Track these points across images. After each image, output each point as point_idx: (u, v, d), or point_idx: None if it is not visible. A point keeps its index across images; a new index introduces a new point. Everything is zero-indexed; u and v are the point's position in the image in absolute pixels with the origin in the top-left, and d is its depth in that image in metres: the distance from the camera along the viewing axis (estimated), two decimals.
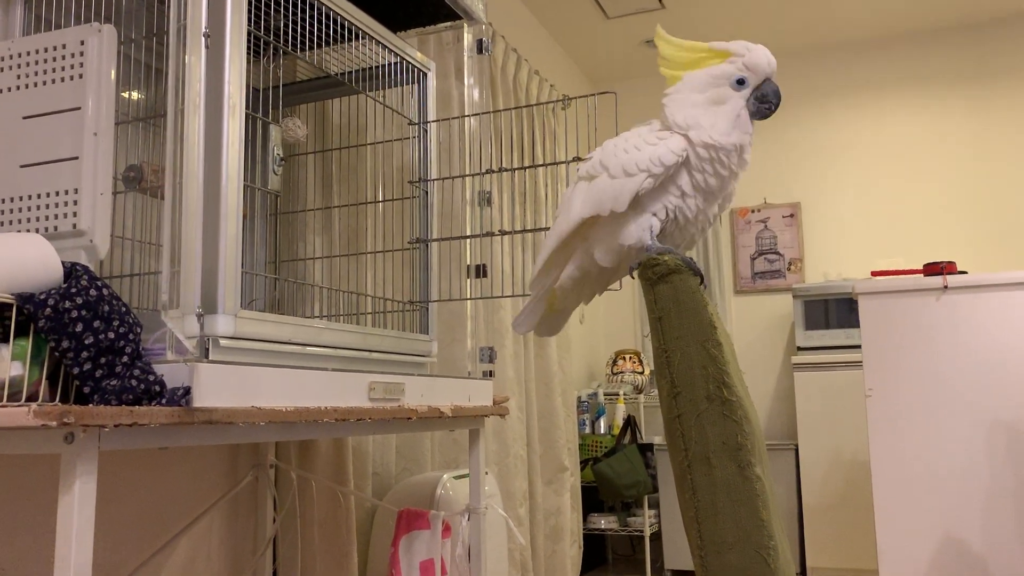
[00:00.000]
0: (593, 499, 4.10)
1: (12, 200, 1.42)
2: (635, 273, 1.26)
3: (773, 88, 1.31)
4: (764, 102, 1.31)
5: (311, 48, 1.86)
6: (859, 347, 2.78)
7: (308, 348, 1.58)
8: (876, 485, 2.64)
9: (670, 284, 1.18)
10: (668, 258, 1.19)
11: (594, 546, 4.32)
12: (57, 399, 1.15)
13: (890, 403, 2.62)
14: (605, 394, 4.34)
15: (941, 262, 2.60)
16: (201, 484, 2.05)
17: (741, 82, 1.29)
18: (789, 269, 4.68)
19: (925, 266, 2.65)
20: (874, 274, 2.80)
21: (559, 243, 1.36)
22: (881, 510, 2.62)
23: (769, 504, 1.16)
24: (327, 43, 1.86)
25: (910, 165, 4.56)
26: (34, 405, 1.01)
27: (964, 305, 2.56)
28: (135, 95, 1.78)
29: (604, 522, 4.14)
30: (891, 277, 2.72)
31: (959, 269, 2.65)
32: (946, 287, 2.55)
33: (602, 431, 4.28)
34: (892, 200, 4.56)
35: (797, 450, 4.03)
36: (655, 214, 1.27)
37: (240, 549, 2.17)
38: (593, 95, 1.90)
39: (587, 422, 4.28)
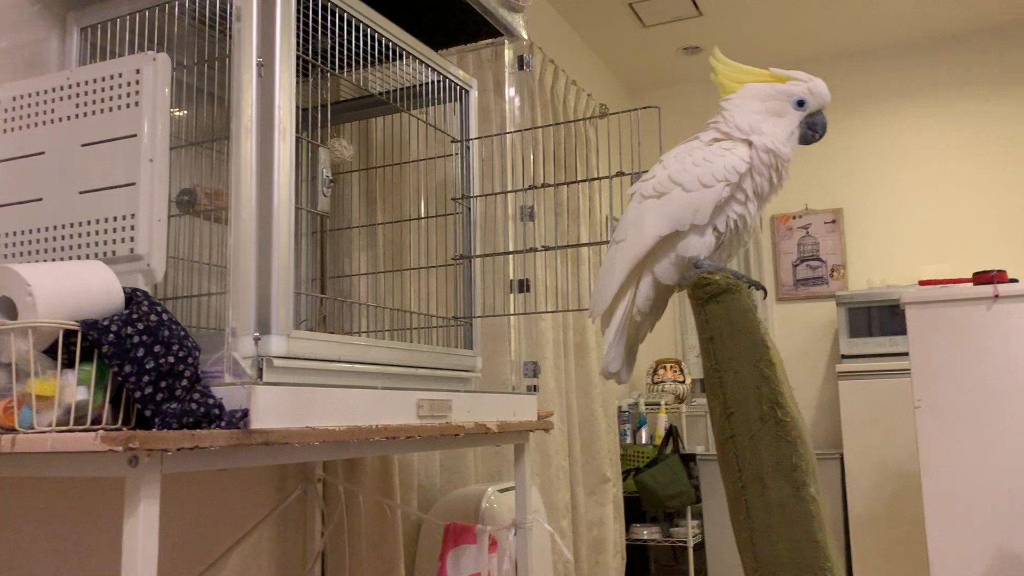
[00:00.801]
0: (635, 510, 4.08)
1: (72, 226, 1.46)
2: (685, 290, 1.26)
3: (823, 120, 1.36)
4: (812, 129, 1.35)
5: (356, 68, 1.89)
6: (905, 355, 2.74)
7: (356, 366, 1.60)
8: (927, 498, 2.60)
9: (721, 304, 1.18)
10: (719, 277, 1.19)
11: (636, 557, 4.30)
12: (119, 422, 1.18)
13: (940, 414, 2.57)
14: (646, 404, 4.32)
15: (991, 271, 2.55)
16: (251, 499, 2.08)
17: (801, 103, 1.34)
18: (832, 276, 4.63)
19: (975, 275, 2.61)
20: (922, 283, 2.76)
21: (634, 265, 1.33)
22: (932, 523, 2.58)
23: (824, 525, 1.15)
24: (372, 63, 1.88)
25: (955, 170, 4.48)
26: (100, 431, 1.04)
27: (1016, 314, 2.51)
28: (187, 119, 1.82)
29: (647, 533, 4.12)
30: (940, 286, 2.67)
31: (1010, 277, 2.60)
32: (997, 296, 2.50)
33: (644, 441, 4.26)
34: (937, 206, 4.49)
35: (842, 459, 3.97)
36: (716, 227, 1.29)
37: (290, 563, 2.20)
38: (636, 109, 1.90)
39: (628, 432, 4.26)
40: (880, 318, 4.08)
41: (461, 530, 2.14)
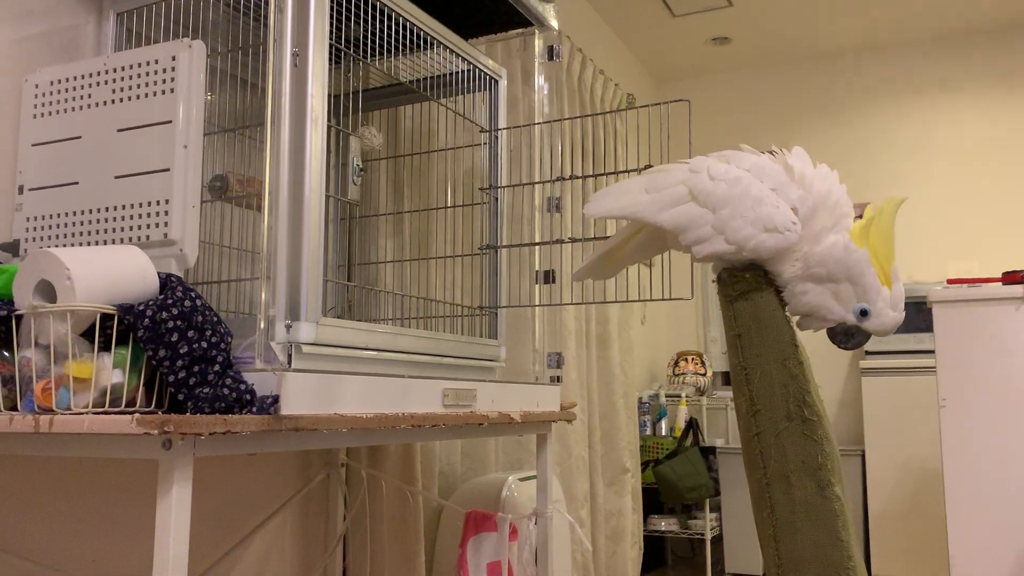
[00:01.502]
0: (654, 501, 4.08)
1: (107, 210, 1.48)
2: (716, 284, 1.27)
3: (859, 341, 1.24)
4: (846, 335, 1.25)
5: (386, 56, 1.90)
6: (930, 352, 2.72)
7: (383, 353, 1.62)
8: (949, 497, 2.59)
9: (751, 301, 1.18)
10: (749, 275, 1.19)
11: (654, 548, 4.31)
12: (153, 405, 1.20)
13: (965, 414, 2.55)
14: (667, 395, 4.32)
15: (1021, 271, 2.52)
16: (275, 482, 2.11)
17: (864, 313, 1.22)
18: None
19: (1004, 275, 2.58)
20: (950, 282, 2.73)
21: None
22: (954, 522, 2.57)
23: (848, 524, 1.15)
24: (402, 52, 1.89)
25: (985, 166, 4.42)
26: (136, 414, 1.06)
27: None
28: (218, 105, 1.83)
29: (664, 524, 4.12)
30: (968, 286, 2.65)
31: None
32: None
33: (664, 433, 4.26)
34: (965, 202, 4.43)
35: (864, 456, 3.95)
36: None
37: (312, 545, 2.23)
38: (666, 103, 1.89)
39: (648, 423, 4.27)
40: (906, 314, 4.04)
41: (482, 518, 2.16)
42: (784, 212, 1.18)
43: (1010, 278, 2.56)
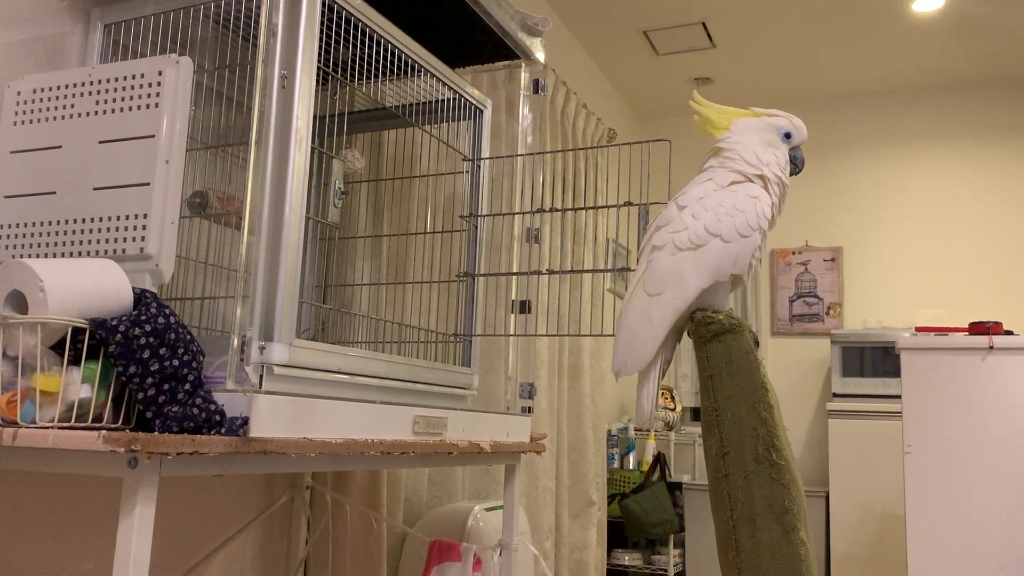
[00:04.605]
0: (618, 535, 4.07)
1: (84, 221, 1.47)
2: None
3: (803, 155, 1.42)
4: (794, 163, 1.41)
5: (372, 80, 1.91)
6: (896, 397, 2.76)
7: (355, 377, 1.61)
8: (910, 543, 2.61)
9: (723, 343, 1.19)
10: (722, 317, 1.21)
11: None
12: (120, 422, 1.19)
13: (929, 461, 2.59)
14: (636, 429, 4.33)
15: (987, 322, 2.57)
16: (238, 502, 2.08)
17: (788, 136, 1.41)
18: (828, 313, 4.65)
19: (971, 325, 2.63)
20: (918, 329, 2.78)
21: (677, 318, 1.30)
22: (915, 568, 2.59)
23: (812, 569, 1.16)
24: (389, 77, 1.90)
25: (956, 216, 4.52)
26: (102, 430, 1.05)
27: (1010, 367, 2.53)
28: (201, 121, 1.83)
29: (628, 558, 4.11)
30: (935, 334, 2.70)
31: (1005, 329, 2.62)
32: (992, 347, 2.52)
33: (631, 466, 4.26)
34: (936, 250, 4.52)
35: (828, 497, 3.98)
36: (742, 274, 1.32)
37: (273, 569, 2.20)
38: (647, 142, 1.92)
39: (616, 456, 4.27)
40: (873, 359, 4.10)
41: (446, 547, 2.14)
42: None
43: (977, 328, 2.60)
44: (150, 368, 1.16)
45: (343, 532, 2.21)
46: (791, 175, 1.42)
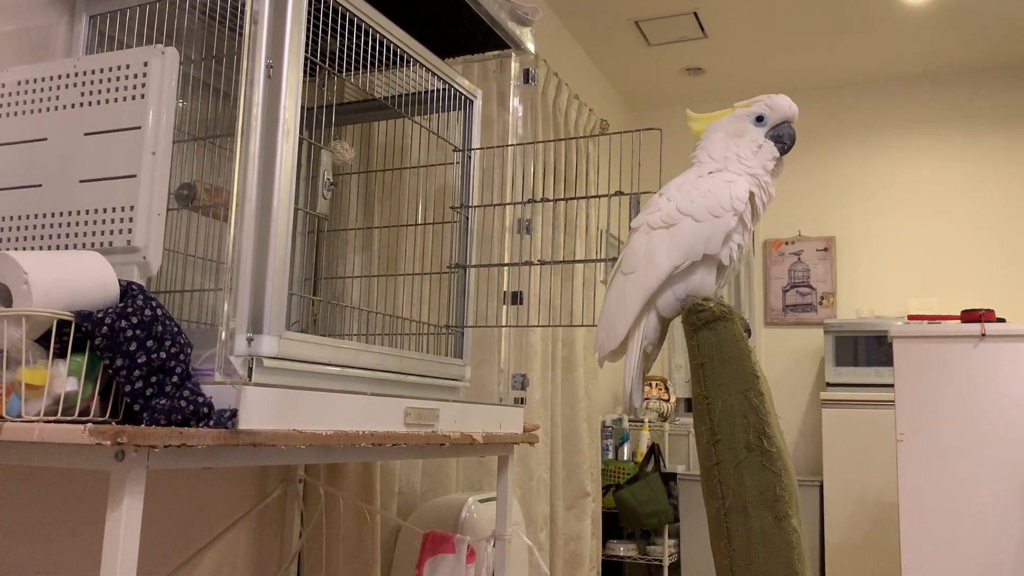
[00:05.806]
0: (613, 525, 4.08)
1: (70, 214, 1.45)
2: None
3: (789, 131, 1.40)
4: (779, 140, 1.39)
5: (362, 71, 1.89)
6: (889, 386, 2.76)
7: (345, 369, 1.60)
8: (904, 531, 2.61)
9: (714, 331, 1.19)
10: (713, 304, 1.20)
11: (612, 573, 4.30)
12: (107, 415, 1.18)
13: (922, 449, 2.59)
14: (630, 420, 4.33)
15: (980, 310, 2.57)
16: (230, 496, 2.08)
17: (760, 119, 1.40)
18: (821, 303, 4.65)
19: (963, 313, 2.63)
20: (911, 318, 2.78)
21: (648, 297, 1.33)
22: (908, 557, 2.59)
23: (804, 556, 1.16)
24: (378, 68, 1.89)
25: (948, 205, 4.52)
26: (89, 424, 1.04)
27: (1002, 354, 2.53)
28: (189, 112, 1.81)
29: (623, 549, 4.12)
30: (927, 322, 2.70)
31: (997, 317, 2.62)
32: (984, 335, 2.53)
33: (625, 457, 4.26)
34: (928, 239, 4.52)
35: (822, 487, 3.99)
36: (721, 261, 1.31)
37: (266, 562, 2.19)
38: (638, 131, 1.91)
39: (611, 448, 4.27)
40: (867, 348, 4.11)
41: (440, 539, 2.14)
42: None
43: (969, 316, 2.61)
44: (137, 361, 1.15)
45: (337, 525, 2.21)
46: (781, 153, 1.40)
